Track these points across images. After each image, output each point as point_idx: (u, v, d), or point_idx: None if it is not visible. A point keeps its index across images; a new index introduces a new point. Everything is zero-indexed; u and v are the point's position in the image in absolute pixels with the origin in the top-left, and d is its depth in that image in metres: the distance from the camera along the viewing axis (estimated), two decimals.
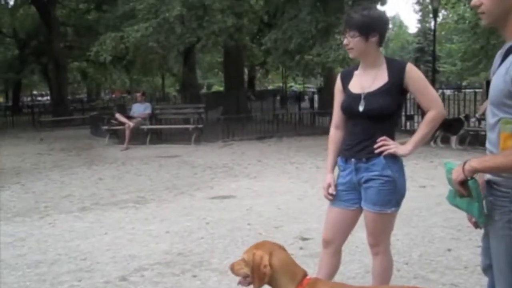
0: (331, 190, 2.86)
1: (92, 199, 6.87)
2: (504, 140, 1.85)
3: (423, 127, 2.73)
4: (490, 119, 1.94)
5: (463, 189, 1.94)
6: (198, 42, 15.34)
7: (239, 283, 2.25)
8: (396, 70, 2.71)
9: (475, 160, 1.90)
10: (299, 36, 12.99)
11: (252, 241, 4.77)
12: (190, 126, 13.42)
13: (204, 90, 45.52)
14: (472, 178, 1.92)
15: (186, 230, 5.25)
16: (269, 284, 2.17)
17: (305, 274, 2.19)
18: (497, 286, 2.00)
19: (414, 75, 2.70)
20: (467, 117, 11.04)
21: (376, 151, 2.69)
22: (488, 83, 10.39)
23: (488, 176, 1.98)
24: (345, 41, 2.74)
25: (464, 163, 1.92)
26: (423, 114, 3.06)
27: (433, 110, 2.69)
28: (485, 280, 2.28)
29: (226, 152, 11.43)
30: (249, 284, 2.22)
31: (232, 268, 2.26)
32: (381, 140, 2.69)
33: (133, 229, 5.36)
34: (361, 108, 2.71)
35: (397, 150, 2.68)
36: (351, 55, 2.78)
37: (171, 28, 13.36)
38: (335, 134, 2.96)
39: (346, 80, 2.88)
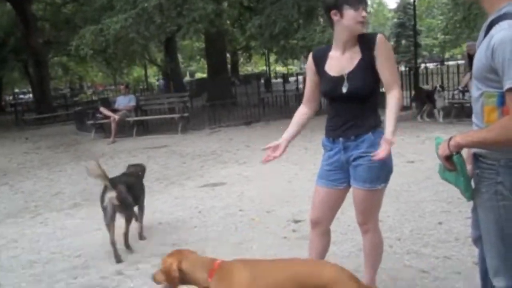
0: (275, 152, 2.85)
1: (82, 195, 6.84)
2: (488, 113, 1.87)
3: (397, 107, 2.61)
4: (474, 93, 1.96)
5: (449, 164, 1.98)
6: (179, 31, 15.20)
7: None
8: (367, 43, 2.67)
9: (459, 136, 1.92)
10: (283, 20, 12.89)
11: (245, 227, 4.83)
12: (176, 115, 13.35)
13: (187, 78, 45.17)
14: (457, 153, 1.94)
15: (179, 220, 5.26)
16: (191, 283, 2.43)
17: (213, 260, 2.42)
18: (487, 257, 2.04)
19: (384, 45, 2.66)
20: (442, 88, 11.08)
21: (375, 158, 2.49)
22: (469, 55, 10.48)
23: (474, 149, 2.01)
24: (363, 14, 2.63)
25: (450, 139, 1.94)
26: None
27: (396, 88, 2.64)
28: (477, 251, 2.32)
29: (213, 139, 11.41)
30: None
31: (154, 279, 2.52)
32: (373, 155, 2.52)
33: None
34: (344, 90, 2.69)
35: (389, 147, 2.49)
36: (364, 29, 2.69)
37: (150, 18, 13.21)
38: (302, 108, 3.01)
39: (320, 60, 2.83)
